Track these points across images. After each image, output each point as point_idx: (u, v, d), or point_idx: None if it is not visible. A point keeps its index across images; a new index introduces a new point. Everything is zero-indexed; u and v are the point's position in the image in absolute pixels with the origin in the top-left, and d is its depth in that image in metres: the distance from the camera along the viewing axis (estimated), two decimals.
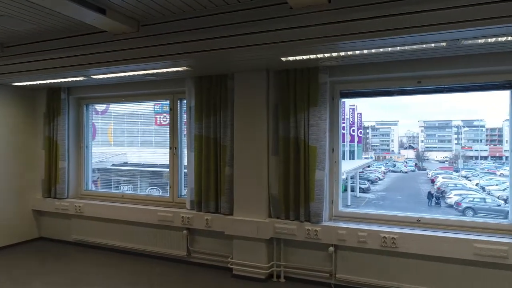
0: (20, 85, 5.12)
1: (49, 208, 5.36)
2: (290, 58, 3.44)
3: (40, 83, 4.88)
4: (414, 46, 3.03)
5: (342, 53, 3.24)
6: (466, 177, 13.48)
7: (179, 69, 3.86)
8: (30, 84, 4.99)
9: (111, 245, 5.00)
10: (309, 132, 3.82)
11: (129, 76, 4.28)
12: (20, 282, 3.96)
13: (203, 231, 4.41)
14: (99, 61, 3.77)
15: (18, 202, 5.36)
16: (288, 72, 3.93)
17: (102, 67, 3.81)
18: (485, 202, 9.61)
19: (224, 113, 4.24)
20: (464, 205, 9.27)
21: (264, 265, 3.97)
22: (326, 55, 3.30)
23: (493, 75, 3.44)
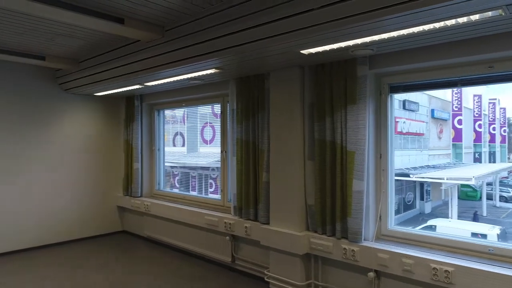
0: (102, 95, 5.78)
1: (127, 204, 5.93)
2: (312, 50, 2.98)
3: (116, 92, 5.41)
4: (463, 19, 2.26)
5: (367, 39, 2.65)
6: None
7: (209, 71, 3.76)
8: (107, 94, 5.59)
9: (170, 243, 5.24)
10: (347, 134, 3.26)
11: (175, 81, 4.38)
12: (80, 272, 4.44)
13: (244, 239, 4.23)
14: (132, 71, 3.94)
15: (105, 198, 6.08)
16: (324, 67, 3.43)
17: (136, 76, 3.97)
18: None
19: (262, 115, 3.97)
20: None
21: (300, 283, 3.57)
22: (350, 43, 2.74)
23: None
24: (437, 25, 2.36)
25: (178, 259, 4.90)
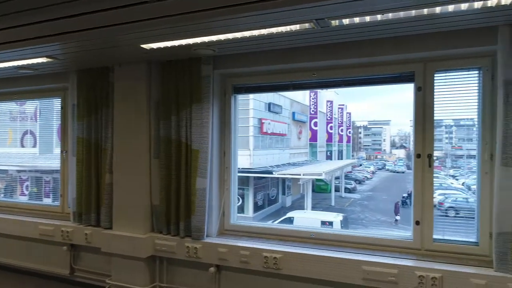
0: None
1: None
2: (153, 46, 2.90)
3: None
4: (276, 29, 2.50)
5: (205, 39, 2.71)
6: (454, 176, 13.09)
7: (40, 60, 3.31)
8: None
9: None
10: (192, 133, 3.28)
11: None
12: None
13: (85, 247, 3.85)
14: None
15: None
16: (171, 64, 3.39)
17: None
18: (468, 202, 9.34)
19: (105, 111, 3.69)
20: (446, 204, 9.01)
21: (144, 287, 3.42)
22: (189, 41, 2.77)
23: (396, 65, 2.92)
24: (265, 31, 2.56)
25: (7, 279, 4.15)
